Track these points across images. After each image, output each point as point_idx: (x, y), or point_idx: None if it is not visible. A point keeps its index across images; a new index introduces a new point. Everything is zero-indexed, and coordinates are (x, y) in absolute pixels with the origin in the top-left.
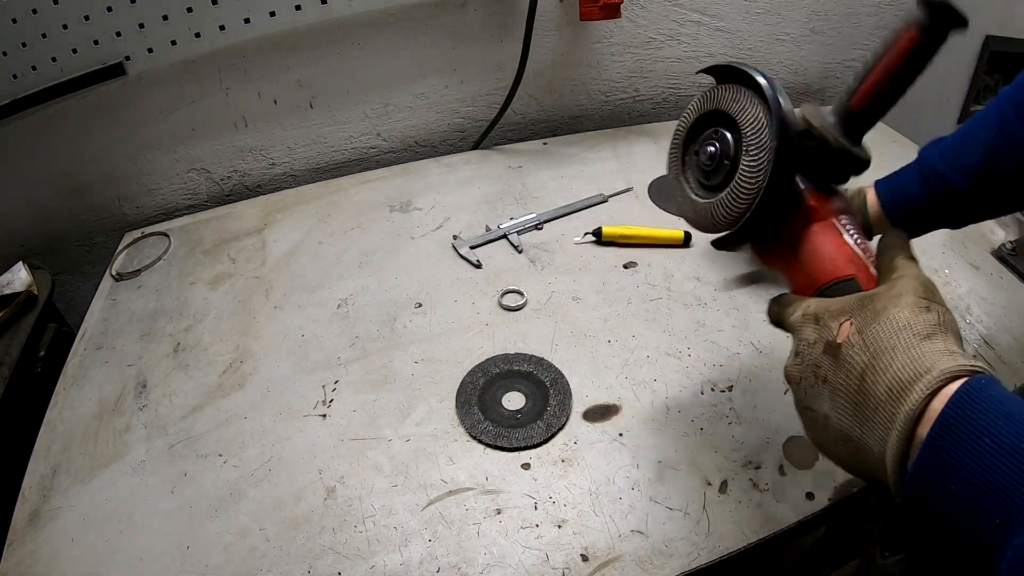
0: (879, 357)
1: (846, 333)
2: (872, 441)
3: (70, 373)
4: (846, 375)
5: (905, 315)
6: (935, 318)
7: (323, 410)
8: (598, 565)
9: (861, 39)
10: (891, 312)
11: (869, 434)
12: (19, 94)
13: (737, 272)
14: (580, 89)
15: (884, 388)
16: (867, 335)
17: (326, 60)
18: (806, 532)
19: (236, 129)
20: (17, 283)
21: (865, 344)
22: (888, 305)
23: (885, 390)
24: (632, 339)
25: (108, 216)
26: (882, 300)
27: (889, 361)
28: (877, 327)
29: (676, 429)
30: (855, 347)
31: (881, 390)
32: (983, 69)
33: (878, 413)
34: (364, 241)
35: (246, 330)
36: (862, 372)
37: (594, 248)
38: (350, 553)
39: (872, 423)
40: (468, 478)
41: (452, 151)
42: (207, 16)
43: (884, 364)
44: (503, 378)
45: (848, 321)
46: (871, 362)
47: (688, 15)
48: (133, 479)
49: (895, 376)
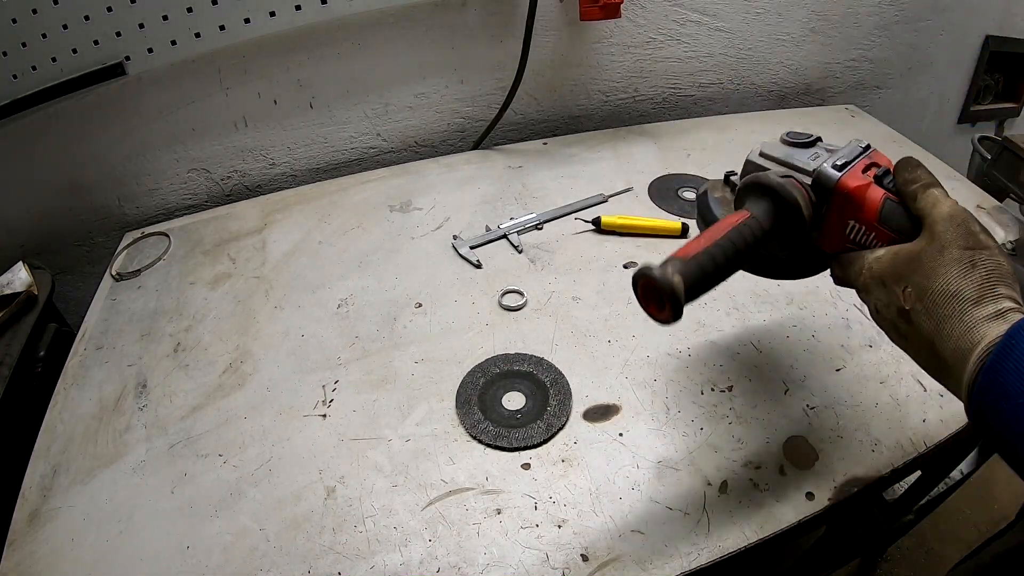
0: (942, 325)
1: (911, 300)
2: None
3: (70, 373)
4: (919, 338)
5: (953, 276)
6: (979, 276)
7: (323, 410)
8: (598, 565)
9: (861, 39)
10: (939, 275)
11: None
12: (19, 94)
13: None
14: (580, 89)
15: (950, 354)
16: (927, 302)
17: (326, 60)
18: (806, 532)
19: (236, 129)
20: (17, 283)
21: (928, 311)
22: (935, 266)
23: (952, 355)
24: (632, 339)
25: (108, 216)
26: (929, 259)
27: (950, 330)
28: (932, 294)
29: (676, 429)
30: (921, 314)
31: (948, 355)
32: (983, 69)
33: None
34: (364, 241)
35: (246, 330)
36: (931, 337)
37: (594, 247)
38: (350, 553)
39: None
40: (468, 478)
41: (452, 151)
42: (207, 16)
43: (947, 332)
44: (503, 378)
45: (907, 288)
46: (936, 329)
47: (688, 15)
48: (133, 479)
49: (956, 345)
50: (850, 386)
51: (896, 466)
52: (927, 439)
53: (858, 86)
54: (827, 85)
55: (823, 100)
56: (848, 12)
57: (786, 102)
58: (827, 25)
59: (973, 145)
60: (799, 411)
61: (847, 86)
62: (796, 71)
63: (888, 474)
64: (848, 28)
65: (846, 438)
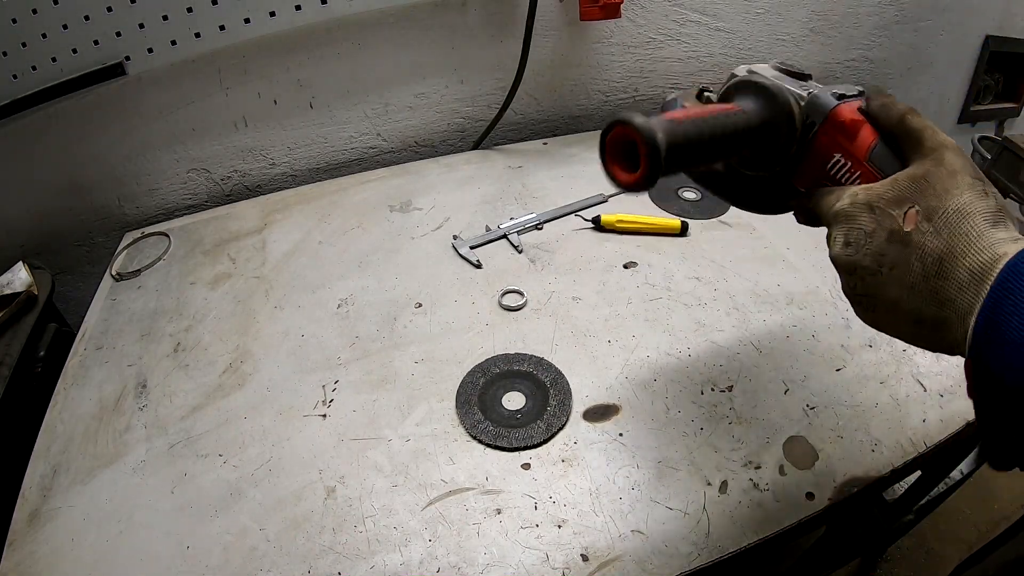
0: (955, 242)
1: (914, 221)
2: (954, 317)
3: (70, 373)
4: (921, 261)
5: (968, 198)
6: (995, 204)
7: (323, 410)
8: (598, 565)
9: (861, 39)
10: (954, 195)
11: (951, 310)
12: (19, 94)
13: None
14: (580, 89)
15: (967, 270)
16: (937, 222)
17: (326, 60)
18: (806, 532)
19: (236, 129)
20: (17, 283)
21: (938, 231)
22: (949, 187)
23: (967, 273)
24: (632, 339)
25: (108, 216)
26: (940, 181)
27: (966, 247)
28: (946, 213)
29: (676, 429)
30: (927, 234)
31: (963, 274)
32: (983, 69)
33: (963, 292)
34: (364, 241)
35: (246, 330)
36: (940, 258)
37: (594, 247)
38: (350, 553)
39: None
40: (468, 478)
41: (452, 151)
42: (207, 16)
43: (962, 249)
44: (503, 378)
45: (912, 208)
46: (948, 248)
47: (688, 15)
48: (133, 479)
49: (974, 261)
50: (850, 386)
51: (896, 466)
52: (927, 439)
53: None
54: None
55: None
56: (848, 12)
57: None
58: (827, 25)
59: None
60: (799, 411)
61: None
62: None
63: (888, 474)
64: (848, 28)
65: (846, 438)
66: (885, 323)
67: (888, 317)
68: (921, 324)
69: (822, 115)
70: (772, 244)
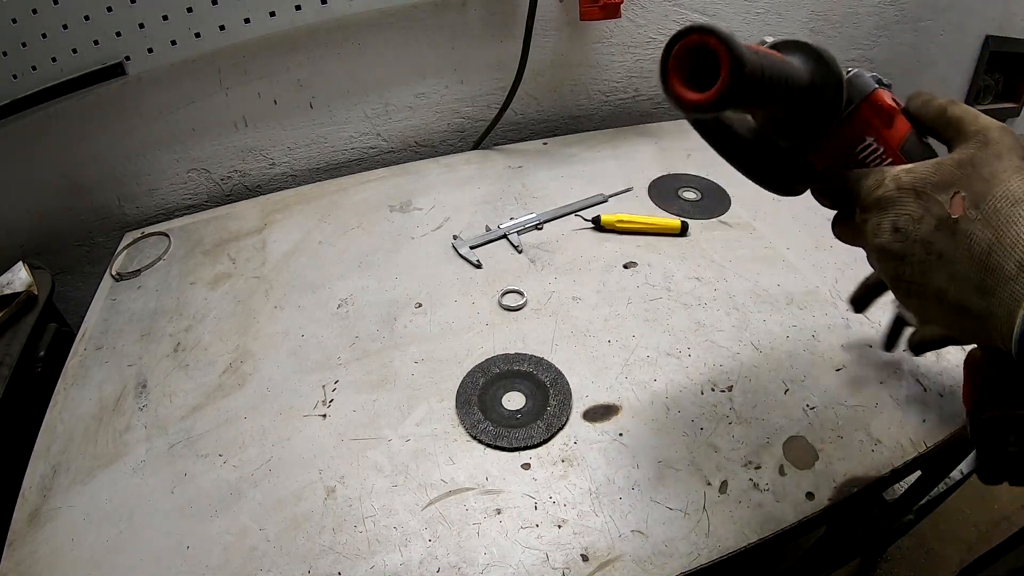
0: (1004, 232)
1: (961, 208)
2: (1000, 310)
3: (70, 373)
4: (968, 251)
5: (1018, 183)
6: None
7: (323, 410)
8: (598, 565)
9: (861, 39)
10: (1001, 180)
11: (997, 304)
12: (19, 94)
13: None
14: (580, 89)
15: (1015, 263)
16: (985, 209)
17: (326, 60)
18: (806, 532)
19: (236, 129)
20: (17, 283)
21: (986, 219)
22: (996, 171)
23: (1016, 265)
24: (632, 339)
25: (108, 216)
26: (986, 165)
27: (1015, 237)
28: (994, 200)
29: (676, 429)
30: (975, 222)
31: (1012, 266)
32: (983, 69)
33: (1009, 285)
34: (364, 241)
35: (246, 330)
36: (988, 248)
37: (594, 247)
38: (350, 553)
39: (1001, 292)
40: (468, 478)
41: (452, 151)
42: (207, 16)
43: (1011, 240)
44: (503, 378)
45: (959, 194)
46: (997, 238)
47: (688, 15)
48: (133, 479)
49: (1023, 253)
50: (850, 386)
51: (896, 466)
52: (927, 439)
53: None
54: None
55: None
56: (848, 12)
57: None
58: (827, 25)
59: None
60: (799, 411)
61: None
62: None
63: (888, 474)
64: (848, 28)
65: (846, 438)
66: (929, 311)
67: (933, 305)
68: (965, 314)
69: (861, 95)
70: (772, 244)
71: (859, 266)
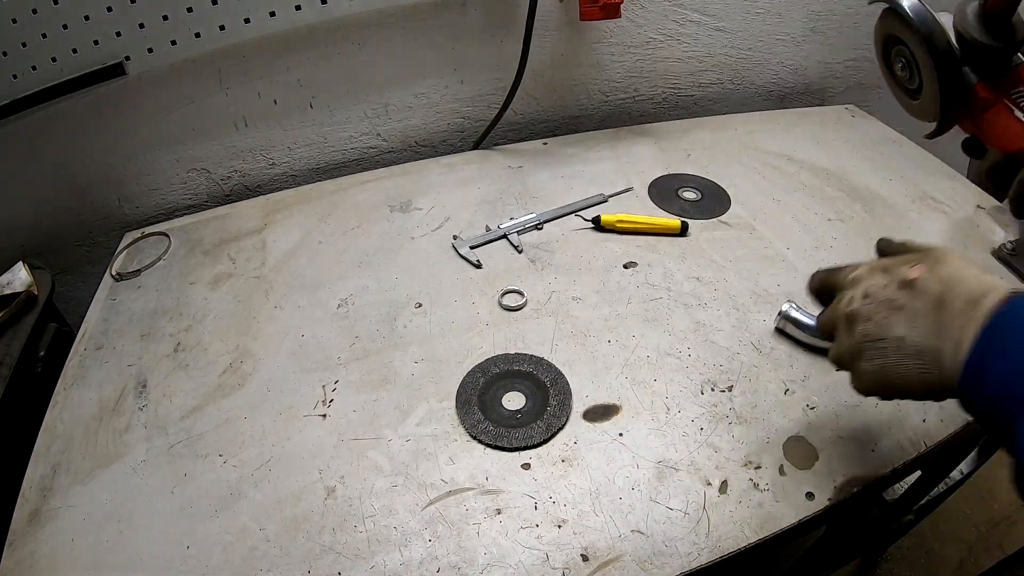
0: (953, 284)
1: (920, 271)
2: (948, 346)
3: (70, 373)
4: (923, 299)
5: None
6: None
7: (323, 410)
8: (598, 565)
9: (861, 39)
10: (950, 259)
11: (946, 340)
12: (19, 94)
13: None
14: (580, 89)
15: (962, 301)
16: (937, 272)
17: (326, 60)
18: (806, 532)
19: (236, 129)
20: (17, 283)
21: (939, 278)
22: (945, 255)
23: (963, 303)
24: (632, 339)
25: (108, 216)
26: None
27: (962, 285)
28: (945, 267)
29: (676, 429)
30: (930, 280)
31: (959, 303)
32: None
33: (956, 320)
34: (364, 241)
35: (246, 330)
36: (939, 295)
37: (594, 247)
38: (350, 553)
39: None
40: (468, 478)
41: (452, 151)
42: (207, 16)
43: (958, 287)
44: (503, 378)
45: (919, 264)
46: (947, 287)
47: (688, 15)
48: (133, 479)
49: (969, 292)
50: (850, 386)
51: (896, 466)
52: (927, 439)
53: (858, 86)
54: (827, 85)
55: (823, 100)
56: (848, 12)
57: (786, 102)
58: (827, 25)
59: None
60: (799, 411)
61: (847, 86)
62: (796, 71)
63: (888, 474)
64: (848, 28)
65: (846, 438)
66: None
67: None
68: (923, 355)
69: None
70: (772, 244)
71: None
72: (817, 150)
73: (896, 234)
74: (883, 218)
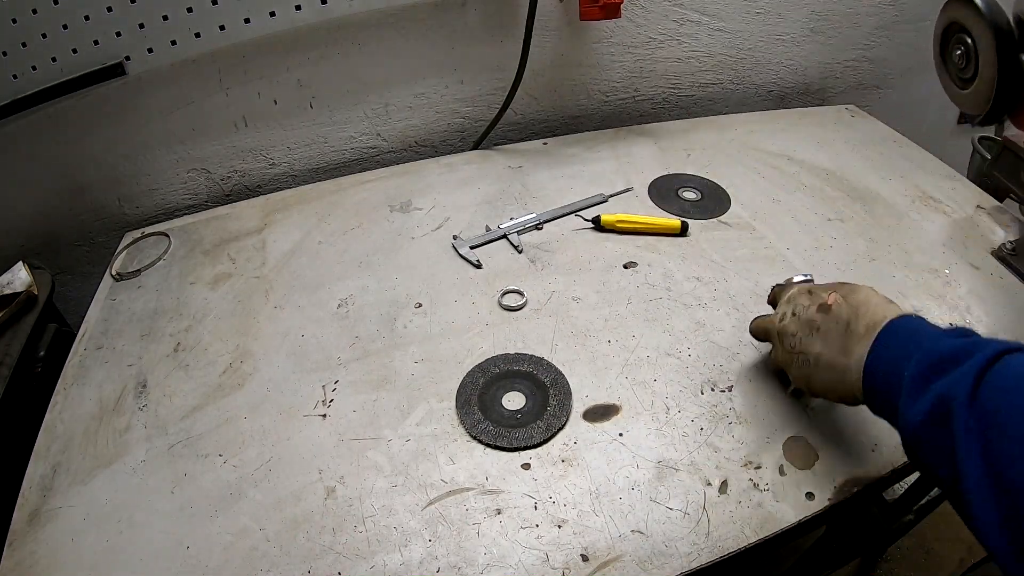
0: (859, 310)
1: (835, 299)
2: (853, 362)
3: (70, 373)
4: (836, 322)
5: (871, 291)
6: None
7: (323, 410)
8: (598, 565)
9: (861, 39)
10: (862, 289)
11: (852, 357)
12: (19, 94)
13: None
14: (580, 89)
15: (864, 326)
16: (849, 300)
17: (326, 60)
18: (806, 532)
19: (236, 129)
20: (17, 283)
21: (849, 304)
22: (859, 287)
23: (864, 327)
24: (632, 339)
25: (108, 216)
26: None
27: (866, 310)
28: (856, 295)
29: (676, 429)
30: (842, 305)
31: (862, 328)
32: None
33: (859, 342)
34: (364, 241)
35: (246, 330)
36: (848, 319)
37: (594, 247)
38: (350, 553)
39: (854, 350)
40: (468, 478)
41: (452, 151)
42: (207, 16)
43: (863, 312)
44: (503, 378)
45: (835, 292)
46: (854, 312)
47: (688, 15)
48: (133, 479)
49: (871, 318)
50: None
51: (896, 466)
52: None
53: (858, 86)
54: (827, 85)
55: (823, 100)
56: (848, 12)
57: (786, 102)
58: (827, 25)
59: (973, 145)
60: (799, 411)
61: (847, 86)
62: (796, 71)
63: (888, 474)
64: (848, 28)
65: (846, 438)
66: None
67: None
68: (834, 370)
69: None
70: (772, 244)
71: (858, 266)
72: (817, 150)
73: (896, 234)
74: (883, 218)
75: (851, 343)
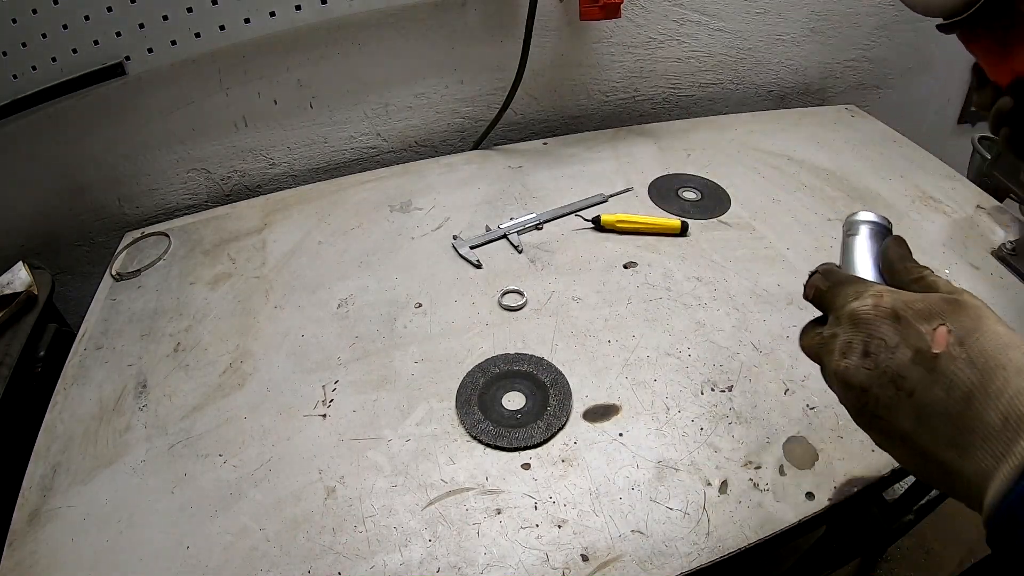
0: (991, 378)
1: (944, 343)
2: (971, 468)
3: (70, 373)
4: (947, 394)
5: (1004, 329)
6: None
7: (323, 410)
8: (598, 565)
9: (861, 39)
10: (989, 322)
11: (969, 460)
12: (19, 94)
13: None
14: (580, 89)
15: (999, 416)
16: (971, 348)
17: (326, 60)
18: (806, 532)
19: (236, 129)
20: (17, 283)
21: (971, 359)
22: (983, 314)
23: (1001, 419)
24: (632, 339)
25: (108, 216)
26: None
27: (1003, 385)
28: (981, 339)
29: (676, 429)
30: (958, 360)
31: (995, 418)
32: None
33: (988, 443)
34: (364, 241)
35: (246, 330)
36: (969, 393)
37: (594, 247)
38: (350, 553)
39: (977, 450)
40: (468, 478)
41: (452, 151)
42: (207, 16)
43: (997, 388)
44: (503, 378)
45: (945, 327)
46: (981, 383)
47: (688, 15)
48: (133, 479)
49: (1010, 404)
50: None
51: (896, 466)
52: None
53: (858, 86)
54: (827, 85)
55: (823, 100)
56: (848, 12)
57: (786, 102)
58: (827, 25)
59: (973, 145)
60: (799, 411)
61: (847, 86)
62: (796, 71)
63: (888, 474)
64: (848, 28)
65: (846, 438)
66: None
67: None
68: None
69: None
70: (772, 244)
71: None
72: (817, 150)
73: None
74: None
75: (973, 438)
